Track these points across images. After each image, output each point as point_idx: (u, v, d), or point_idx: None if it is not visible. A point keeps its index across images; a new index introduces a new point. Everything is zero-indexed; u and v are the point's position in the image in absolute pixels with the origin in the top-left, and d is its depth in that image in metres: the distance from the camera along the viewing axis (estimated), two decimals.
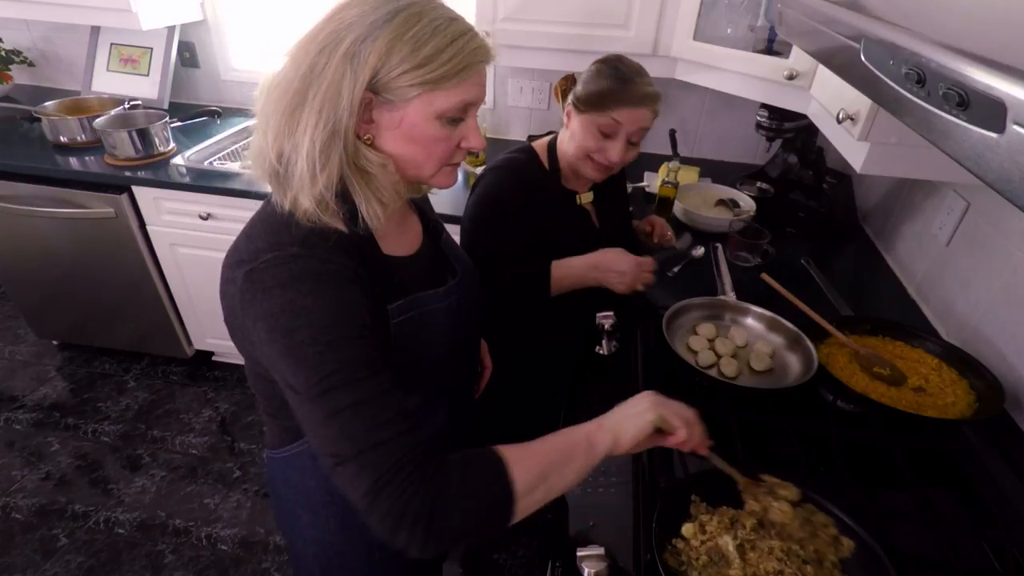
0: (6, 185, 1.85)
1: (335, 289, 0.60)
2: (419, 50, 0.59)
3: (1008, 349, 1.06)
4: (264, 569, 1.66)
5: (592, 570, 0.70)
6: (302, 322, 0.58)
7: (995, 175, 0.34)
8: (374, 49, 0.58)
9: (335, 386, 0.57)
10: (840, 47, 0.59)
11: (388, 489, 0.55)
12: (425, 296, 0.73)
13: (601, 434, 0.67)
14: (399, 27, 0.59)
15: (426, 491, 0.55)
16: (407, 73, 0.60)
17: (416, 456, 0.57)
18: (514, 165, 1.15)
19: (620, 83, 1.04)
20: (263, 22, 2.21)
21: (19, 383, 2.26)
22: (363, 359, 0.59)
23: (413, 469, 0.56)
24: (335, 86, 0.59)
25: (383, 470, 0.55)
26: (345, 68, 0.58)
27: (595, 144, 1.08)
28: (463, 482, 0.58)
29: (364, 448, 0.56)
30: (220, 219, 1.85)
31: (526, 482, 0.60)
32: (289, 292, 0.58)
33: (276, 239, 0.62)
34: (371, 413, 0.57)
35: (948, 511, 0.87)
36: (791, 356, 1.09)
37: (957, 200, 1.26)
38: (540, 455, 0.63)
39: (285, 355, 0.58)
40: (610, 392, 1.05)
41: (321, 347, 0.57)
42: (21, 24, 2.30)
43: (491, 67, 0.69)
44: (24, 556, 1.66)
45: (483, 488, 0.58)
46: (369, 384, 0.58)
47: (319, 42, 0.59)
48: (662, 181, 1.66)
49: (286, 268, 0.60)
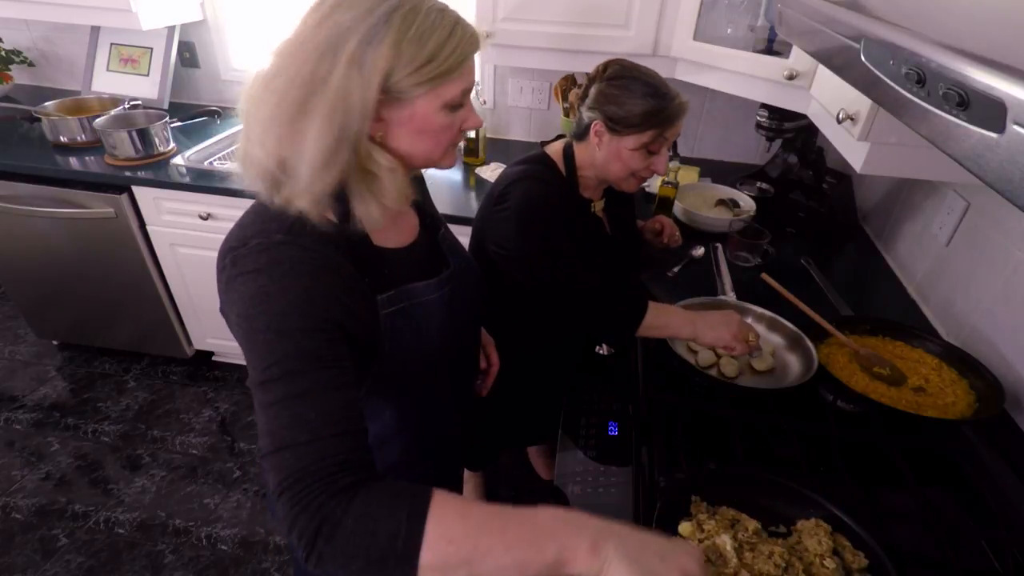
0: (6, 185, 1.85)
1: (307, 279, 0.60)
2: (423, 48, 0.60)
3: (1008, 349, 1.06)
4: (264, 569, 1.66)
5: None
6: (263, 308, 0.58)
7: (995, 175, 0.34)
8: (380, 53, 0.58)
9: (273, 378, 0.56)
10: (840, 47, 0.59)
11: (287, 495, 0.51)
12: (416, 287, 0.73)
13: (587, 555, 0.51)
14: (399, 27, 0.59)
15: (319, 508, 0.50)
16: (415, 72, 0.60)
17: (328, 466, 0.52)
18: (540, 175, 1.12)
19: (661, 101, 1.03)
20: (263, 22, 2.21)
21: (19, 383, 2.26)
22: (312, 353, 0.57)
23: (317, 481, 0.51)
24: (343, 92, 0.58)
25: (287, 473, 0.52)
26: (352, 75, 0.58)
27: (643, 163, 1.08)
28: (366, 518, 0.50)
29: (279, 447, 0.53)
30: (220, 219, 1.85)
31: (441, 559, 0.50)
32: (262, 277, 0.59)
33: (264, 227, 0.63)
34: (298, 411, 0.55)
35: (948, 511, 0.87)
36: (791, 356, 1.09)
37: (957, 200, 1.26)
38: (486, 536, 0.50)
39: (244, 339, 0.59)
40: (610, 392, 1.05)
41: (272, 335, 0.57)
42: (21, 24, 2.30)
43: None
44: (24, 556, 1.66)
45: (383, 535, 0.50)
46: (308, 379, 0.56)
47: (316, 47, 0.58)
48: (662, 181, 1.66)
49: (266, 254, 0.60)
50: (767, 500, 0.77)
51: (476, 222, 1.22)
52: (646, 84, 1.04)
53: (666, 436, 0.93)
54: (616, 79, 1.06)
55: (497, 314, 1.10)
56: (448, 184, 1.86)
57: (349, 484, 0.52)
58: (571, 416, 0.99)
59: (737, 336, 1.01)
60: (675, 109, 1.04)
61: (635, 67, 1.07)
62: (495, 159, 1.99)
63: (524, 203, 1.08)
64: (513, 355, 1.14)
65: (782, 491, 0.78)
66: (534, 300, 1.15)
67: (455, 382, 0.91)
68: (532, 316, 1.23)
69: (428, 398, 0.84)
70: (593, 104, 1.07)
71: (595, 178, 1.16)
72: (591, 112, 1.08)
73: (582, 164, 1.15)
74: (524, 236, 1.08)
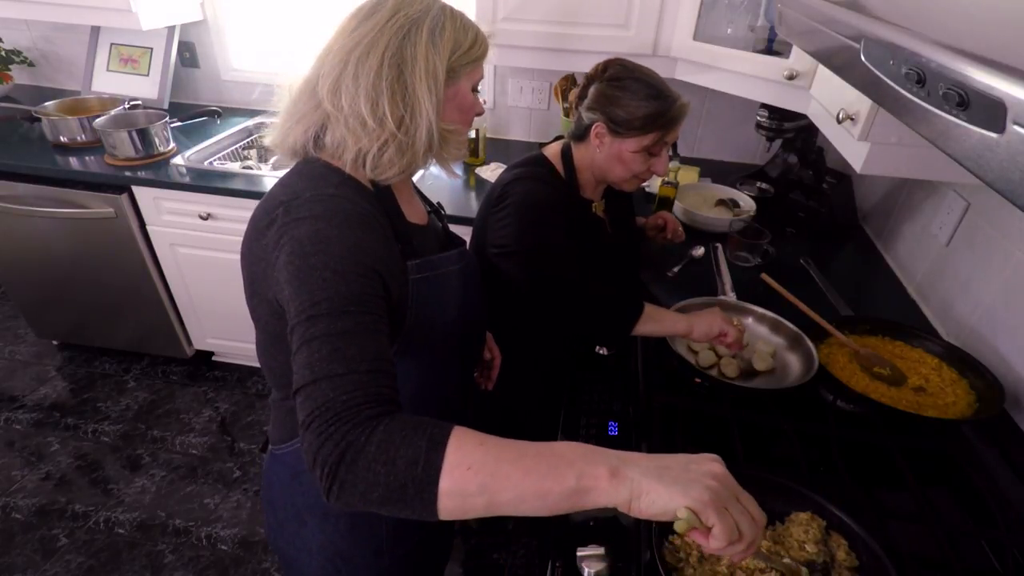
0: (6, 185, 1.85)
1: (359, 230, 0.66)
2: (467, 34, 0.75)
3: (1008, 349, 1.06)
4: (264, 569, 1.66)
5: (592, 570, 0.70)
6: (321, 248, 0.62)
7: (995, 175, 0.35)
8: (444, 37, 0.72)
9: (322, 313, 0.59)
10: (840, 47, 0.59)
11: (315, 425, 0.53)
12: (439, 258, 0.79)
13: (611, 483, 0.50)
14: (452, 18, 0.74)
15: (344, 436, 0.52)
16: (465, 54, 0.74)
17: (358, 399, 0.54)
18: (540, 176, 1.12)
19: (663, 103, 1.03)
20: (263, 22, 2.20)
21: (19, 383, 2.26)
22: (359, 296, 0.61)
23: (345, 410, 0.53)
24: (431, 65, 0.71)
25: (320, 403, 0.54)
26: (431, 53, 0.71)
27: (643, 165, 1.08)
28: (388, 445, 0.52)
29: (317, 377, 0.55)
30: (220, 219, 1.85)
31: (460, 486, 0.51)
32: (320, 223, 0.64)
33: (314, 184, 0.69)
34: (339, 346, 0.57)
35: (948, 511, 0.87)
36: (791, 356, 1.09)
37: (957, 200, 1.26)
38: (505, 464, 0.51)
39: (295, 278, 0.61)
40: (610, 392, 1.05)
41: (328, 273, 0.61)
42: (21, 24, 2.30)
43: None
44: (24, 556, 1.66)
45: (403, 462, 0.51)
46: (353, 320, 0.59)
47: (395, 33, 0.69)
48: (662, 181, 1.66)
49: (321, 204, 0.66)
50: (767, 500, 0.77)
51: (476, 224, 1.22)
52: (648, 86, 1.03)
53: (666, 436, 0.93)
54: (617, 80, 1.05)
55: (497, 316, 1.10)
56: (448, 184, 1.86)
57: (375, 415, 0.54)
58: (571, 416, 0.99)
59: (727, 320, 1.04)
60: (677, 111, 1.04)
61: (636, 68, 1.06)
62: (495, 159, 1.99)
63: (524, 201, 1.08)
64: (513, 356, 1.14)
65: (782, 491, 0.78)
66: (532, 300, 1.15)
67: (464, 360, 0.96)
68: (531, 317, 1.23)
69: (439, 371, 0.87)
70: (593, 105, 1.07)
71: (594, 179, 1.16)
72: (591, 113, 1.07)
73: (581, 165, 1.15)
74: (523, 232, 1.08)
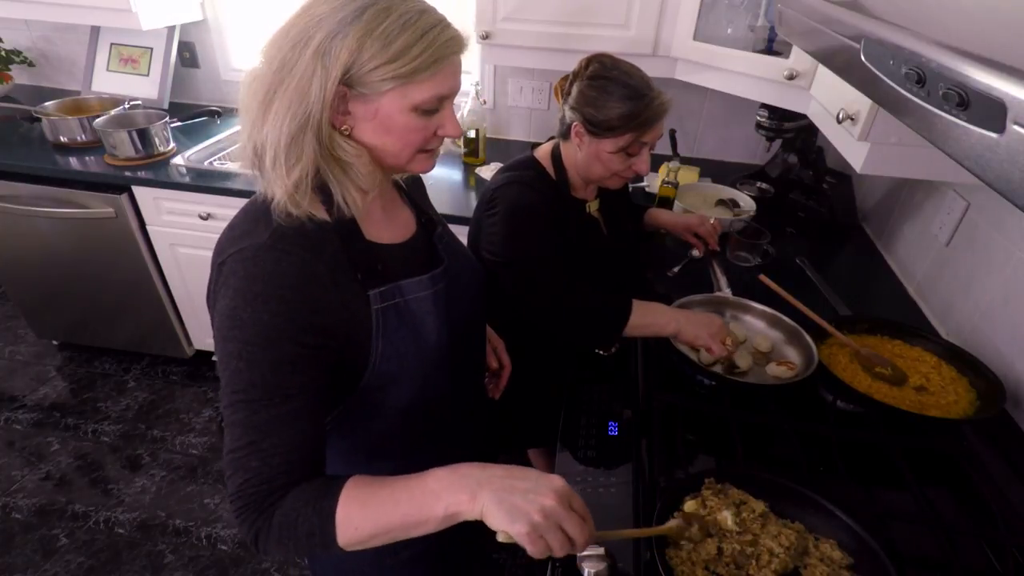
0: (6, 185, 1.85)
1: (284, 297, 0.62)
2: (389, 45, 0.61)
3: (1008, 349, 1.06)
4: (264, 569, 1.66)
5: (592, 570, 0.70)
6: (235, 333, 0.62)
7: (995, 175, 0.34)
8: (345, 46, 0.60)
9: (237, 402, 0.62)
10: (840, 47, 0.59)
11: (234, 504, 0.63)
12: (408, 283, 0.73)
13: (471, 505, 0.60)
14: (369, 23, 0.60)
15: (253, 523, 0.62)
16: (379, 68, 0.61)
17: (264, 491, 0.62)
18: (528, 180, 1.11)
19: (639, 104, 1.00)
20: (263, 22, 2.21)
21: (19, 383, 2.26)
22: (273, 386, 0.62)
23: (254, 500, 0.62)
24: (305, 81, 0.61)
25: (236, 486, 0.62)
26: (316, 65, 0.60)
27: (623, 165, 1.07)
28: (287, 527, 0.62)
29: (237, 461, 0.63)
30: (220, 219, 1.85)
31: (354, 540, 0.62)
32: (237, 297, 0.62)
33: (251, 228, 0.65)
34: (254, 439, 0.62)
35: (948, 511, 0.87)
36: (790, 351, 1.10)
37: (957, 200, 1.26)
38: (384, 516, 0.62)
39: (218, 355, 0.64)
40: (610, 392, 1.05)
41: (242, 364, 0.62)
42: (21, 24, 2.30)
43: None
44: (24, 556, 1.66)
45: (303, 535, 0.62)
46: (267, 413, 0.62)
47: (291, 38, 0.61)
48: (662, 181, 1.66)
49: (243, 266, 0.62)
50: (767, 500, 0.77)
51: (471, 226, 1.22)
52: (625, 86, 1.02)
53: (666, 436, 0.93)
54: (595, 79, 1.03)
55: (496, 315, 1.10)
56: (448, 184, 1.86)
57: (277, 499, 0.62)
58: (571, 416, 0.99)
59: (714, 336, 1.02)
60: (654, 112, 1.02)
61: (616, 65, 1.04)
62: (495, 159, 1.99)
63: (511, 210, 1.08)
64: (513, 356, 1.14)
65: (782, 491, 0.78)
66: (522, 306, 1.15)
67: (457, 381, 0.90)
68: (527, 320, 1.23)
69: (430, 396, 0.83)
70: (574, 104, 1.06)
71: (580, 178, 1.16)
72: (572, 112, 1.07)
73: (568, 164, 1.14)
74: (510, 244, 1.07)
